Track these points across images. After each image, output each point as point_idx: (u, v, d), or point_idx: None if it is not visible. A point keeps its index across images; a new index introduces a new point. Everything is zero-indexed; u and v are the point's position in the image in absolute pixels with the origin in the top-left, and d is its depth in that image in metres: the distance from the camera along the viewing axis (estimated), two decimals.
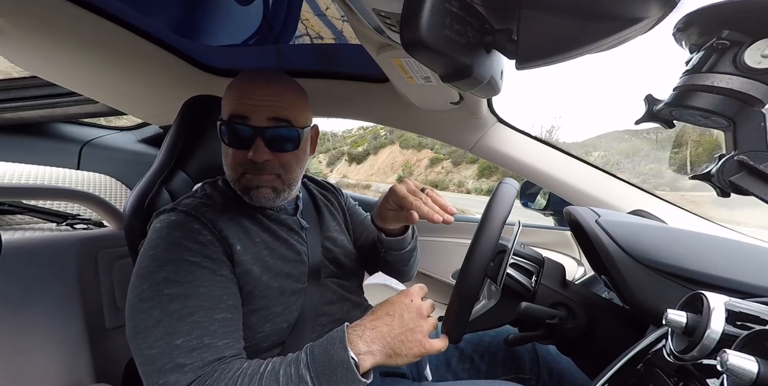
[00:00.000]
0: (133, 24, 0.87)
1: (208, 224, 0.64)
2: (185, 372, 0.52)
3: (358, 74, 1.09)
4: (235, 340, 0.58)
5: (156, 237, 0.62)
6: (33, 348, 0.83)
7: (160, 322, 0.54)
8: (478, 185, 21.30)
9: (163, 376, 0.52)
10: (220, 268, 0.62)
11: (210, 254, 0.62)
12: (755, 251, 0.56)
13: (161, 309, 0.55)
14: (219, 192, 0.73)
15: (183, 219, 0.64)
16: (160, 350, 0.53)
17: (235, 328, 0.59)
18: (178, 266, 0.58)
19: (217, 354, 0.54)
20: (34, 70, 1.07)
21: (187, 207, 0.66)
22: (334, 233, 0.84)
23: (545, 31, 0.37)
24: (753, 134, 0.40)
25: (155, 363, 0.52)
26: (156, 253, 0.60)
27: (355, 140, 34.58)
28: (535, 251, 0.72)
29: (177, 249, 0.60)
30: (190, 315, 0.55)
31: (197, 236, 0.62)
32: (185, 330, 0.54)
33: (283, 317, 0.68)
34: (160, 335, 0.54)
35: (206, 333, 0.55)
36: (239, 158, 0.67)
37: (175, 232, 0.62)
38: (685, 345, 0.38)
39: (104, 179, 1.45)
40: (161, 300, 0.56)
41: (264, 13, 0.93)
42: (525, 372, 0.81)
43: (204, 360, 0.53)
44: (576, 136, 42.47)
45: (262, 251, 0.68)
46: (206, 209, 0.67)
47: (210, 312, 0.57)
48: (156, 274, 0.58)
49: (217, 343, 0.55)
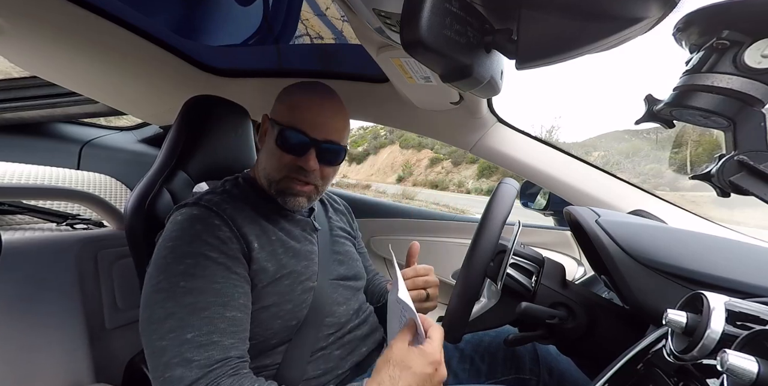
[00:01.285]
0: (133, 24, 0.87)
1: (228, 221, 0.65)
2: (191, 367, 0.52)
3: (358, 74, 1.09)
4: (240, 341, 0.59)
5: (177, 229, 0.63)
6: (33, 347, 0.83)
7: (173, 314, 0.55)
8: (478, 185, 21.30)
9: (170, 370, 0.52)
10: (236, 266, 0.63)
11: (227, 251, 0.63)
12: (755, 251, 0.56)
13: (175, 301, 0.56)
14: (240, 189, 0.75)
15: (204, 214, 0.65)
16: (170, 342, 0.54)
17: (242, 328, 0.60)
18: (196, 260, 0.59)
19: (223, 354, 0.55)
20: (34, 70, 1.07)
21: (208, 203, 0.67)
22: (342, 239, 0.87)
23: (545, 31, 0.37)
24: (753, 134, 0.40)
25: (164, 355, 0.53)
26: (176, 245, 0.61)
27: (355, 140, 34.57)
28: (535, 251, 0.72)
29: (197, 243, 0.61)
30: (202, 309, 0.56)
31: (217, 232, 0.63)
32: (197, 324, 0.55)
33: (293, 314, 0.69)
34: (171, 327, 0.54)
35: (216, 329, 0.56)
36: (287, 160, 0.70)
37: (197, 225, 0.63)
38: (685, 345, 0.38)
39: (104, 179, 1.45)
40: (176, 292, 0.56)
41: (264, 13, 0.93)
42: (525, 372, 0.81)
43: (210, 359, 0.54)
44: (576, 136, 42.50)
45: (278, 249, 0.70)
46: (227, 205, 0.68)
47: (222, 308, 0.58)
48: (173, 266, 0.59)
49: (225, 342, 0.56)
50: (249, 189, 0.76)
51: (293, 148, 0.70)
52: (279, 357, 0.69)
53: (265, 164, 0.74)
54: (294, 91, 0.73)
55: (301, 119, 0.70)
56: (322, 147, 0.70)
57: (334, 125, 0.72)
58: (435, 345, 0.53)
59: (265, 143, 0.75)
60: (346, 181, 26.52)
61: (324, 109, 0.71)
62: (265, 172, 0.74)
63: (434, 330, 0.55)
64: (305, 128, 0.69)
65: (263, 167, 0.74)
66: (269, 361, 0.69)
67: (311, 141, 0.69)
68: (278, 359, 0.69)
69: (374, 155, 31.05)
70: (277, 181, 0.72)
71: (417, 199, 16.10)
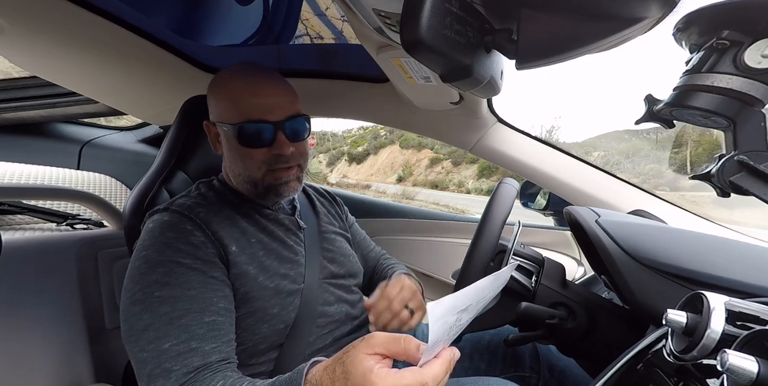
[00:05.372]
0: (133, 24, 0.87)
1: (201, 225, 0.64)
2: (170, 377, 0.52)
3: (358, 74, 1.09)
4: (224, 344, 0.57)
5: (148, 238, 0.62)
6: (33, 348, 0.83)
7: (150, 325, 0.54)
8: (478, 185, 21.28)
9: (152, 381, 0.52)
10: (212, 270, 0.61)
11: (202, 255, 0.61)
12: (755, 251, 0.56)
13: (151, 312, 0.55)
14: (215, 192, 0.73)
15: (176, 220, 0.64)
16: (150, 354, 0.53)
17: (224, 332, 0.59)
18: (169, 268, 0.58)
19: (203, 360, 0.54)
20: (34, 70, 1.07)
21: (180, 207, 0.65)
22: (332, 235, 0.83)
23: (545, 31, 0.37)
24: (753, 134, 0.40)
25: (146, 367, 0.53)
26: (148, 254, 0.60)
27: (355, 140, 34.54)
28: (535, 251, 0.72)
29: (168, 251, 0.60)
30: (179, 318, 0.55)
31: (189, 237, 0.62)
32: (174, 333, 0.54)
33: (280, 318, 0.67)
34: (149, 338, 0.54)
35: (194, 336, 0.55)
36: (261, 155, 0.67)
37: (168, 233, 0.62)
38: (685, 345, 0.38)
39: (104, 179, 1.45)
40: (151, 302, 0.56)
41: (264, 13, 0.93)
42: (525, 369, 0.81)
43: (189, 366, 0.53)
44: (576, 136, 42.42)
45: (258, 252, 0.68)
46: (200, 209, 0.66)
47: (199, 315, 0.57)
48: (147, 276, 0.58)
49: (204, 348, 0.55)
50: (225, 190, 0.73)
51: (259, 140, 0.66)
52: (273, 362, 0.68)
53: (239, 168, 0.69)
54: (224, 85, 0.68)
55: (250, 107, 0.65)
56: (286, 127, 0.66)
57: (285, 102, 0.67)
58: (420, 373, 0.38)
59: (224, 148, 0.71)
60: (346, 181, 26.52)
61: (266, 88, 0.66)
62: (244, 176, 0.69)
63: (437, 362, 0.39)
64: (260, 115, 0.65)
65: (239, 173, 0.70)
66: (264, 368, 0.67)
67: (274, 125, 0.65)
68: (272, 366, 0.68)
69: (374, 155, 31.02)
70: (262, 178, 0.69)
71: (417, 199, 16.09)
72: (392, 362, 0.40)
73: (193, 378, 0.52)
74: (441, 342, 0.38)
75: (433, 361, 0.38)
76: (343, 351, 0.42)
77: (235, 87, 0.66)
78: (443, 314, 0.35)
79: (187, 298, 0.57)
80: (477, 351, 0.84)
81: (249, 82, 0.66)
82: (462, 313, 0.39)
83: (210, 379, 0.52)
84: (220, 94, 0.68)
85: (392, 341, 0.39)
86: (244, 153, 0.67)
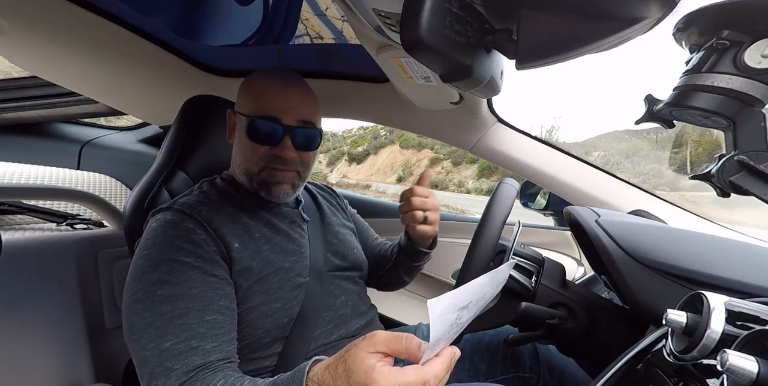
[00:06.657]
0: (133, 24, 0.87)
1: (203, 223, 0.64)
2: (171, 376, 0.52)
3: (358, 74, 1.09)
4: (225, 343, 0.58)
5: (151, 237, 0.63)
6: (33, 347, 0.83)
7: (152, 324, 0.55)
8: (478, 185, 21.29)
9: (153, 380, 0.52)
10: (213, 268, 0.61)
11: (203, 254, 0.61)
12: (755, 251, 0.56)
13: (152, 311, 0.55)
14: (217, 190, 0.74)
15: (178, 218, 0.64)
16: (151, 352, 0.53)
17: (225, 330, 0.59)
18: (170, 267, 0.58)
19: (203, 359, 0.54)
20: (34, 70, 1.07)
21: (182, 206, 0.66)
22: (336, 227, 0.85)
23: (545, 31, 0.37)
24: (753, 134, 0.40)
25: (147, 365, 0.53)
26: (150, 253, 0.60)
27: (355, 140, 34.57)
28: (535, 251, 0.72)
29: (170, 249, 0.60)
30: (180, 316, 0.55)
31: (191, 235, 0.62)
32: (174, 332, 0.54)
33: (284, 312, 0.67)
34: (151, 337, 0.54)
35: (195, 335, 0.55)
36: (263, 151, 0.69)
37: (170, 231, 0.62)
38: (685, 345, 0.38)
39: (104, 179, 1.45)
40: (153, 301, 0.56)
41: (264, 13, 0.93)
42: (525, 370, 0.80)
43: (189, 365, 0.53)
44: (576, 136, 42.51)
45: (262, 246, 0.68)
46: (202, 207, 0.67)
47: (200, 313, 0.57)
48: (149, 275, 0.58)
49: (205, 346, 0.55)
50: (228, 187, 0.74)
51: (266, 137, 0.68)
52: (276, 357, 0.68)
53: (240, 159, 0.71)
54: (257, 80, 0.71)
55: (270, 105, 0.67)
56: (296, 133, 0.68)
57: (304, 109, 0.69)
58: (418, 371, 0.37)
59: (235, 138, 0.73)
60: (346, 181, 26.53)
61: (291, 93, 0.69)
62: (242, 168, 0.71)
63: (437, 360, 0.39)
64: (275, 114, 0.67)
65: (239, 163, 0.72)
66: (267, 363, 0.68)
67: (284, 128, 0.67)
68: (275, 361, 0.68)
69: (374, 155, 31.03)
70: (257, 173, 0.70)
71: None
72: (393, 360, 0.41)
73: (194, 377, 0.52)
74: (442, 341, 0.38)
75: (434, 359, 0.38)
76: (344, 349, 0.42)
77: (265, 83, 0.69)
78: (444, 311, 0.35)
79: (188, 297, 0.57)
80: (477, 352, 0.84)
81: (278, 83, 0.69)
82: (462, 311, 0.39)
83: (210, 378, 0.52)
84: (249, 86, 0.71)
85: (394, 339, 0.39)
86: (249, 146, 0.69)
